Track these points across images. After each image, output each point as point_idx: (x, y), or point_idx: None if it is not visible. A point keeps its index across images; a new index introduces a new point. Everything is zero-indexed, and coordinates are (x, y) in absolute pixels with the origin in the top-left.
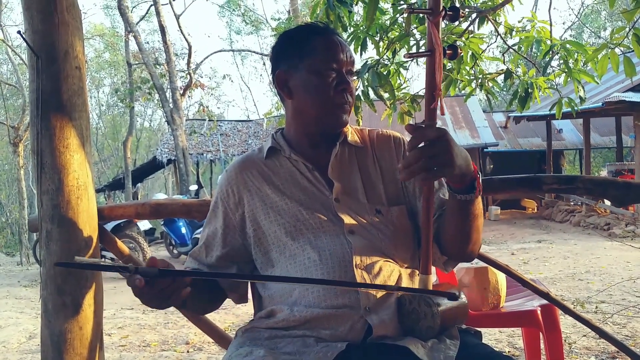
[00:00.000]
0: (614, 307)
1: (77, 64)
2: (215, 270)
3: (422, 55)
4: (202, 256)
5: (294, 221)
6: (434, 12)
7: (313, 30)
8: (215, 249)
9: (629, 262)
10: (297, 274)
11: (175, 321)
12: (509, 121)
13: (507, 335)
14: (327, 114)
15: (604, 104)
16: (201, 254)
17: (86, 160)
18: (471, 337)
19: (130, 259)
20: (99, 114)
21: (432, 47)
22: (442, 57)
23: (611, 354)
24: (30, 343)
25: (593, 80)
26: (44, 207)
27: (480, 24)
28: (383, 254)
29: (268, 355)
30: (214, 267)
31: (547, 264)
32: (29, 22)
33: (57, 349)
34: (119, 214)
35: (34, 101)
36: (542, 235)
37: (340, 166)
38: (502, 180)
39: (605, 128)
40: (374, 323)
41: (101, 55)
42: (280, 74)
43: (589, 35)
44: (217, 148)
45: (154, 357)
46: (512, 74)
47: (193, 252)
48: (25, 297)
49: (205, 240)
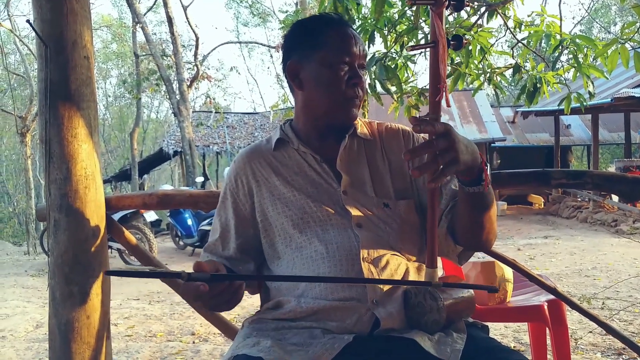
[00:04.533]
0: (620, 304)
1: (85, 54)
2: (233, 262)
3: (426, 47)
4: (218, 249)
5: (301, 213)
6: (437, 3)
7: (327, 22)
8: (231, 241)
9: (636, 258)
10: (304, 266)
11: (181, 312)
12: (516, 116)
13: (513, 331)
14: (337, 108)
15: (613, 100)
16: (217, 247)
17: (94, 150)
18: (478, 331)
19: (137, 249)
20: (106, 105)
21: (436, 38)
22: (446, 49)
23: (617, 350)
24: (37, 332)
25: (602, 75)
26: (52, 196)
27: (490, 18)
28: (390, 248)
29: (275, 346)
30: (232, 260)
31: (554, 260)
32: (37, 11)
33: (65, 338)
34: (126, 204)
35: (43, 90)
36: (549, 231)
37: (348, 159)
38: (510, 175)
39: (613, 124)
40: (381, 316)
41: (108, 46)
42: (291, 65)
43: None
44: (224, 140)
45: (159, 347)
46: (521, 69)
47: (208, 246)
48: (32, 286)
49: (220, 234)
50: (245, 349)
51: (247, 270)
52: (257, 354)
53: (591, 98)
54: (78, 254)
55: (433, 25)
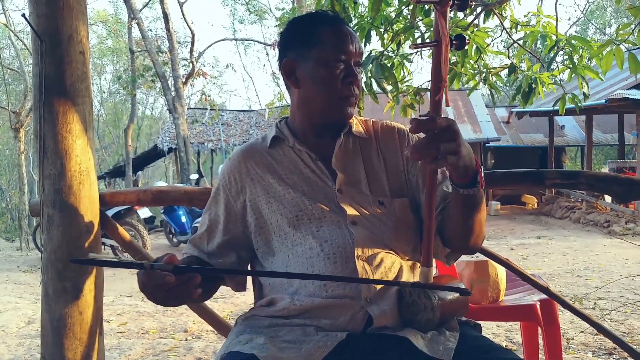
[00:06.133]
0: (612, 304)
1: (81, 49)
2: (215, 257)
3: (429, 45)
4: (203, 243)
5: (296, 211)
6: (442, 2)
7: (323, 20)
8: (216, 237)
9: (628, 259)
10: (298, 263)
11: (173, 309)
12: (511, 116)
13: (505, 330)
14: (333, 105)
15: (607, 101)
16: (202, 242)
17: (88, 146)
18: (471, 330)
19: (130, 246)
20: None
21: (439, 37)
22: (448, 48)
23: (608, 350)
24: (29, 328)
25: (597, 76)
26: (45, 191)
27: (486, 18)
28: (385, 246)
29: (268, 343)
30: (214, 255)
31: (546, 260)
32: (33, 6)
33: (57, 334)
34: (120, 200)
35: (37, 85)
36: (542, 231)
37: (344, 157)
38: (504, 174)
39: (607, 125)
40: (375, 314)
41: (104, 41)
42: (287, 62)
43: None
44: (219, 137)
45: (152, 344)
46: (516, 69)
47: (193, 239)
48: (24, 282)
49: (207, 227)
50: (238, 346)
51: (226, 262)
52: (250, 351)
53: (586, 99)
54: (71, 250)
55: (436, 24)
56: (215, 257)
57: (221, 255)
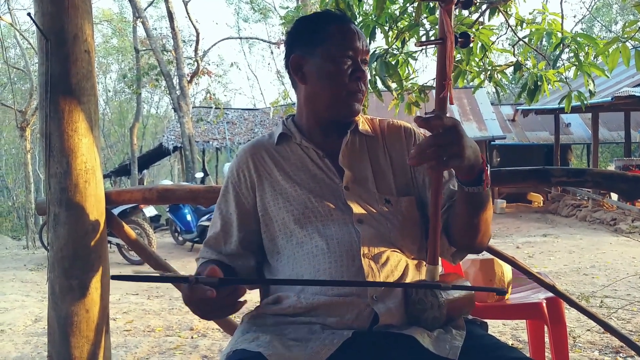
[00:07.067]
0: (618, 302)
1: (86, 48)
2: (235, 259)
3: (434, 43)
4: (220, 244)
5: (302, 208)
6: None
7: (330, 18)
8: (233, 235)
9: (634, 257)
10: (304, 261)
11: (179, 307)
12: (517, 114)
13: (511, 328)
14: (340, 101)
15: (613, 99)
16: (219, 242)
17: (94, 144)
18: (477, 328)
19: (136, 244)
20: (105, 100)
21: (444, 35)
22: (453, 46)
23: (615, 348)
24: (36, 326)
25: (603, 74)
26: (51, 190)
27: (491, 15)
28: (391, 244)
29: (274, 341)
30: (234, 256)
31: (552, 258)
32: (39, 5)
33: (64, 332)
34: (126, 199)
35: (43, 84)
36: (548, 229)
37: (351, 154)
38: (510, 172)
39: (613, 123)
40: (381, 312)
41: (109, 40)
42: (294, 59)
43: (600, 28)
44: (224, 136)
45: (158, 342)
46: (522, 66)
47: (208, 241)
48: (31, 280)
49: (221, 227)
50: (244, 344)
51: (247, 266)
52: (256, 349)
53: (592, 97)
54: (78, 248)
55: (441, 22)
56: (236, 258)
57: (240, 257)
